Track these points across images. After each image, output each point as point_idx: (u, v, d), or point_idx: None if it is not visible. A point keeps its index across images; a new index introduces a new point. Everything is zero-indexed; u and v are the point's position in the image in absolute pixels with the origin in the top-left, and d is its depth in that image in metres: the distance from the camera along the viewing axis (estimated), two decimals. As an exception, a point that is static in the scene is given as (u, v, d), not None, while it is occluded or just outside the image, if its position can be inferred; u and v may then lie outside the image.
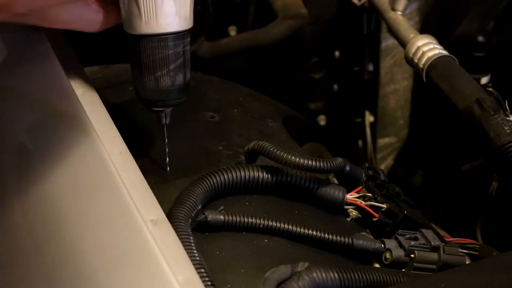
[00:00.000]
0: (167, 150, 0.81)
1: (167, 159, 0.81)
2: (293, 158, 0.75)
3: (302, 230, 0.74)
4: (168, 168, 0.81)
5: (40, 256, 0.69)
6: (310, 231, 0.74)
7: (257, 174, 0.77)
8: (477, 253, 0.79)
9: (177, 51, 0.75)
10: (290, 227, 0.74)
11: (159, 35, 0.74)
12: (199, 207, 0.72)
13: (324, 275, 0.66)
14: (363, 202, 0.80)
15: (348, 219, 0.80)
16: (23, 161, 0.76)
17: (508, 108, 0.83)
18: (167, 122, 0.79)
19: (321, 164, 0.76)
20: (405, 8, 1.04)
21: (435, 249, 0.76)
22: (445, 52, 0.93)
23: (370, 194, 0.80)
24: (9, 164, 0.76)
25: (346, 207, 0.80)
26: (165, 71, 0.75)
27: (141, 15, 0.72)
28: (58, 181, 0.72)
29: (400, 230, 0.78)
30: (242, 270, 0.69)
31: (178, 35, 0.74)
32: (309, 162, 0.75)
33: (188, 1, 0.74)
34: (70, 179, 0.72)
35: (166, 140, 0.80)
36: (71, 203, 0.71)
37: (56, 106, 0.78)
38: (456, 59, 0.93)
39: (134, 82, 0.77)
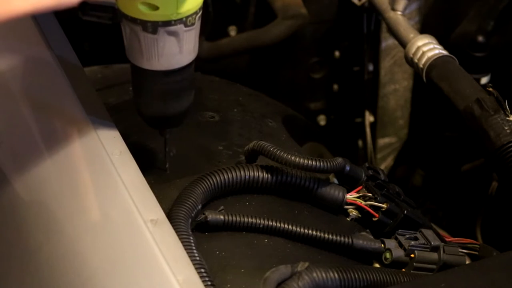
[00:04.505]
0: (167, 162, 0.81)
1: (167, 163, 0.81)
2: (293, 158, 0.75)
3: (302, 230, 0.74)
4: (168, 171, 0.82)
5: (40, 256, 0.69)
6: (310, 231, 0.74)
7: (257, 174, 0.77)
8: (477, 253, 0.79)
9: (178, 81, 0.73)
10: (290, 227, 0.74)
11: (160, 71, 0.72)
12: (199, 207, 0.72)
13: (324, 275, 0.66)
14: (363, 202, 0.80)
15: (348, 219, 0.80)
16: (23, 160, 0.76)
17: (508, 108, 0.83)
18: (167, 136, 0.79)
19: (321, 164, 0.76)
20: (405, 8, 1.04)
21: (435, 249, 0.76)
22: (445, 52, 0.93)
23: (370, 194, 0.80)
24: (8, 164, 0.76)
25: (346, 207, 0.80)
26: (164, 100, 0.74)
27: (142, 52, 0.70)
28: (58, 181, 0.72)
29: (400, 230, 0.78)
30: (242, 270, 0.69)
31: (180, 68, 0.72)
32: (309, 162, 0.75)
33: (192, 37, 0.71)
34: (70, 179, 0.72)
35: (167, 149, 0.80)
36: (71, 202, 0.71)
37: (56, 106, 0.78)
38: (456, 59, 0.93)
39: (135, 99, 0.76)
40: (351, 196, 0.80)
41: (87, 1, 0.66)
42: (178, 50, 0.70)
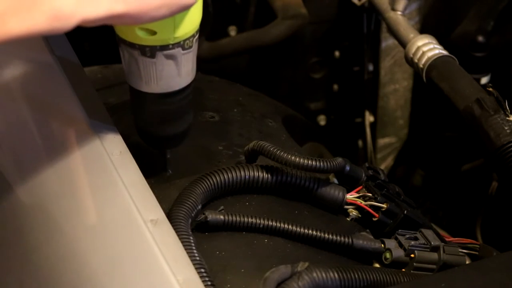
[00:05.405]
0: (168, 172, 0.81)
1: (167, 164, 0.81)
2: (293, 158, 0.75)
3: (302, 230, 0.74)
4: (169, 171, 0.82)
5: (40, 256, 0.69)
6: (310, 231, 0.74)
7: (257, 174, 0.77)
8: (477, 253, 0.79)
9: (177, 103, 0.74)
10: (290, 227, 0.74)
11: (159, 93, 0.72)
12: (199, 207, 0.72)
13: (324, 275, 0.66)
14: (363, 202, 0.80)
15: (348, 219, 0.80)
16: (22, 161, 0.76)
17: (508, 108, 0.83)
18: (169, 156, 0.80)
19: (321, 164, 0.76)
20: (405, 8, 1.04)
21: (435, 249, 0.76)
22: (445, 52, 0.93)
23: (370, 194, 0.80)
24: (8, 164, 0.76)
25: (346, 207, 0.80)
26: (164, 122, 0.75)
27: (141, 76, 0.71)
28: (58, 181, 0.72)
29: (400, 230, 0.78)
30: (242, 270, 0.69)
31: (179, 90, 0.73)
32: (309, 162, 0.75)
33: (190, 60, 0.72)
34: (70, 179, 0.72)
35: (167, 168, 0.81)
36: (70, 203, 0.71)
37: (56, 106, 0.78)
38: (456, 59, 0.93)
39: (134, 121, 0.77)
40: (351, 196, 0.80)
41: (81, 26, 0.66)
42: (176, 73, 0.71)
